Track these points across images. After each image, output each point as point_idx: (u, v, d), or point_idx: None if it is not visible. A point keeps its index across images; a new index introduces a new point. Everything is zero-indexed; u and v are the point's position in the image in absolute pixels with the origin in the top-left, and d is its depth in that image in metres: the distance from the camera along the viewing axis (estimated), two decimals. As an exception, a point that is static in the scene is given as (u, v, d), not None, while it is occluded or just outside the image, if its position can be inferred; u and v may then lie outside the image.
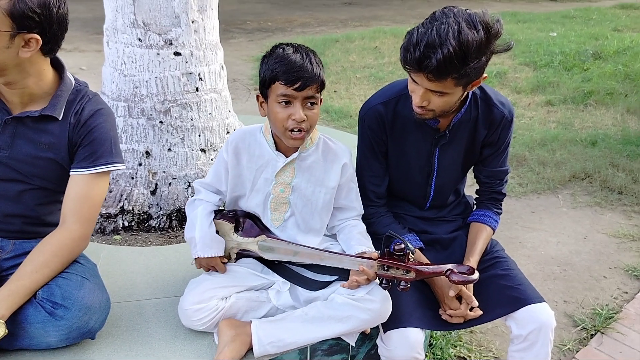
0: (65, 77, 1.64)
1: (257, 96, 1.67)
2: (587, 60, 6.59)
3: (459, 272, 1.53)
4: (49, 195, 1.70)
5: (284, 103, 1.58)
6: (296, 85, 1.55)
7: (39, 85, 1.59)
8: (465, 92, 1.61)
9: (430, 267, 1.57)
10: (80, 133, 1.63)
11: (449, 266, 1.55)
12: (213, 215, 1.77)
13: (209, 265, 1.73)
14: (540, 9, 11.38)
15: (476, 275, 1.54)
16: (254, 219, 1.77)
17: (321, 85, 1.61)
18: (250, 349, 1.63)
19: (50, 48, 1.55)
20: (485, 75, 1.56)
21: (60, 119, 1.61)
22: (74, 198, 1.63)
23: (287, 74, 1.55)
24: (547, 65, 6.46)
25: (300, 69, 1.55)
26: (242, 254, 1.77)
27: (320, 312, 1.63)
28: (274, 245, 1.70)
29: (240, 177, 1.75)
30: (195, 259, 1.73)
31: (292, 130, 1.59)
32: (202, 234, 1.70)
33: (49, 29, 1.50)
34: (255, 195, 1.74)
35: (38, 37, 1.48)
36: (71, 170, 1.64)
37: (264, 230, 1.74)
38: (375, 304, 1.60)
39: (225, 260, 1.76)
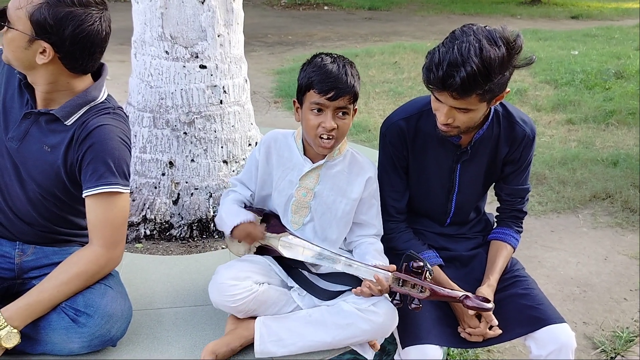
0: (92, 88, 1.63)
1: (294, 101, 1.73)
2: (608, 79, 6.54)
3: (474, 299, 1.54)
4: (48, 208, 1.68)
5: (316, 111, 1.63)
6: (329, 95, 1.60)
7: (61, 94, 1.60)
8: (489, 108, 1.62)
9: (446, 289, 1.58)
10: (81, 147, 1.58)
11: (465, 292, 1.56)
12: (242, 203, 1.84)
13: (246, 234, 1.74)
14: (562, 27, 11.34)
15: (491, 304, 1.54)
16: (279, 218, 1.82)
17: (354, 97, 1.65)
18: (251, 346, 1.65)
19: (72, 65, 1.56)
20: (508, 89, 1.57)
21: (67, 123, 1.59)
22: (93, 221, 1.61)
23: (321, 84, 1.60)
24: (568, 84, 6.43)
25: (335, 79, 1.60)
26: (263, 249, 1.81)
27: (323, 315, 1.66)
28: (295, 244, 1.73)
29: (269, 175, 1.80)
30: (231, 233, 1.75)
31: (321, 137, 1.64)
32: (227, 209, 1.78)
33: (62, 44, 1.50)
34: (278, 195, 1.79)
35: (50, 47, 1.50)
36: (82, 193, 1.61)
37: (288, 229, 1.77)
38: (378, 316, 1.61)
39: (259, 224, 1.78)
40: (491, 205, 1.98)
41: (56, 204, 1.68)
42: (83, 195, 1.60)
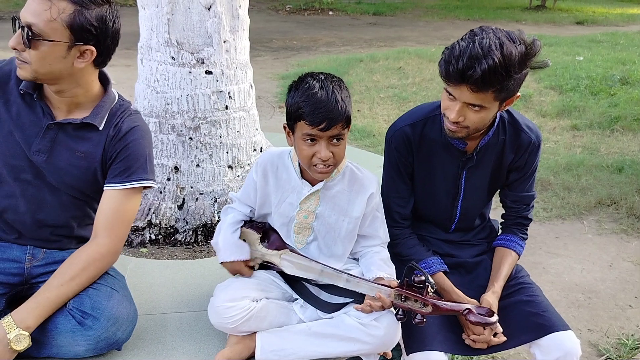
0: (110, 90, 1.71)
1: (284, 126, 1.67)
2: (614, 85, 6.52)
3: (478, 314, 1.53)
4: (79, 207, 1.74)
5: (309, 141, 1.57)
6: (321, 127, 1.53)
7: (86, 96, 1.66)
8: (498, 110, 1.62)
9: (449, 303, 1.57)
10: (116, 147, 1.67)
11: (468, 306, 1.55)
12: (241, 223, 1.81)
13: (234, 270, 1.76)
14: (567, 32, 11.33)
15: (495, 317, 1.54)
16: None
17: (347, 122, 1.59)
18: (253, 355, 1.67)
19: (102, 60, 1.63)
20: (519, 94, 1.58)
21: (100, 128, 1.66)
22: (106, 213, 1.66)
23: (312, 115, 1.53)
24: (573, 90, 6.41)
25: (325, 110, 1.52)
26: (265, 266, 1.80)
27: (323, 328, 1.66)
28: (296, 261, 1.72)
29: (268, 197, 1.78)
30: (221, 263, 1.77)
31: (317, 166, 1.60)
32: (224, 239, 1.75)
33: (104, 42, 1.57)
34: (279, 217, 1.77)
35: (93, 49, 1.56)
36: (105, 185, 1.68)
37: (289, 245, 1.77)
38: (380, 330, 1.61)
39: (252, 264, 1.78)
40: (496, 212, 1.97)
41: (87, 201, 1.74)
42: (106, 187, 1.67)
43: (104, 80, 1.72)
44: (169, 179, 2.51)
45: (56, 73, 1.56)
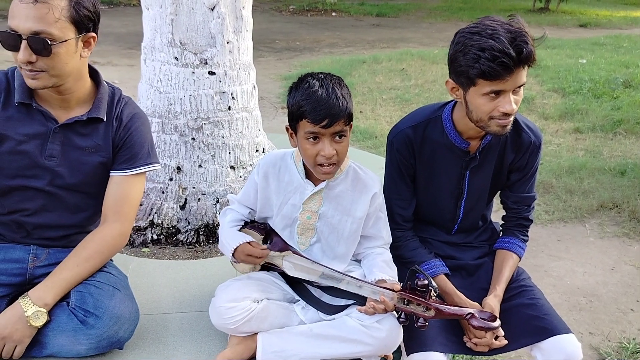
0: (100, 80, 1.73)
1: (286, 128, 1.67)
2: (617, 88, 6.51)
3: (481, 318, 1.53)
4: (92, 205, 1.76)
5: (312, 139, 1.58)
6: (323, 124, 1.54)
7: (85, 88, 1.68)
8: None
9: (452, 308, 1.57)
10: (121, 136, 1.72)
11: (471, 310, 1.55)
12: (241, 222, 1.82)
13: (247, 256, 1.70)
14: (570, 35, 11.32)
15: (497, 322, 1.54)
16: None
17: (349, 118, 1.60)
18: (254, 356, 1.67)
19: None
20: None
21: (105, 120, 1.69)
22: (114, 198, 1.71)
23: (313, 113, 1.54)
24: (576, 92, 6.40)
25: (327, 106, 1.54)
26: (267, 267, 1.81)
27: (325, 330, 1.66)
28: (298, 263, 1.72)
29: (269, 199, 1.78)
30: (233, 256, 1.72)
31: (322, 165, 1.60)
32: (225, 234, 1.77)
33: (98, 24, 1.61)
34: (281, 219, 1.77)
35: (94, 34, 1.59)
36: (111, 172, 1.72)
37: (291, 246, 1.77)
38: (382, 332, 1.61)
39: (260, 243, 1.77)
40: (497, 214, 1.97)
41: (99, 198, 1.76)
42: (112, 174, 1.72)
43: (93, 72, 1.73)
44: (171, 179, 2.52)
45: (69, 70, 1.57)
